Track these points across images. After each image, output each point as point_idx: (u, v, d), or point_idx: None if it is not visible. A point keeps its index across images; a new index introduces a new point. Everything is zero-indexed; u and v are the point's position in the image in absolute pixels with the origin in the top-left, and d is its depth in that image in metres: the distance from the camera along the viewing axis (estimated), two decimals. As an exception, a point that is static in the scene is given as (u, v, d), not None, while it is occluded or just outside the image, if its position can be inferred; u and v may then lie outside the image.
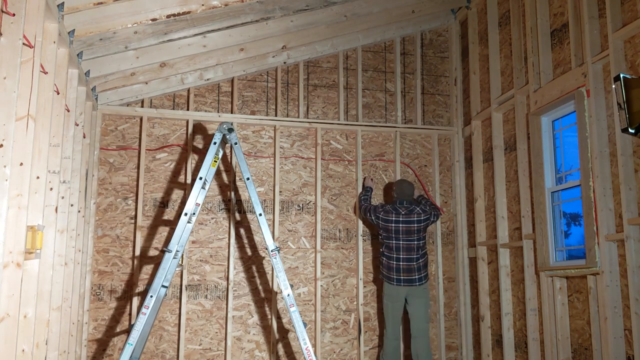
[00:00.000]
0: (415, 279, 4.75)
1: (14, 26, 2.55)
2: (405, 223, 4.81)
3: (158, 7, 3.87)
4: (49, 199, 3.22)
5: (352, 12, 5.05)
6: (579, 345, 4.02)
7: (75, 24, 3.57)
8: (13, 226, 2.54)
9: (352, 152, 5.49)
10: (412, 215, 4.83)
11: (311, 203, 5.31)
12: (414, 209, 4.86)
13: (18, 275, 2.52)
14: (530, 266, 4.48)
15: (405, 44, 5.83)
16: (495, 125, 5.07)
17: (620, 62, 3.64)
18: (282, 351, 5.00)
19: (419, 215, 4.83)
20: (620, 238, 3.58)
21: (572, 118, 4.25)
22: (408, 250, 4.78)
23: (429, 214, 4.88)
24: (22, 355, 2.66)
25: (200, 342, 4.89)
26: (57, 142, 3.34)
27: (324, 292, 5.20)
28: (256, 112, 5.36)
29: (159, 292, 4.19)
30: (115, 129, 5.05)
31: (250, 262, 5.10)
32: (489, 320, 5.07)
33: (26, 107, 2.62)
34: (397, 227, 4.80)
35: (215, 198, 5.12)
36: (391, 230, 4.82)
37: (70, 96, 3.83)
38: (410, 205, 4.91)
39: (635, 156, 3.55)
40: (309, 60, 5.53)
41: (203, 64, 4.98)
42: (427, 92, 5.80)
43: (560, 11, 4.32)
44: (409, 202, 4.93)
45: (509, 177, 4.93)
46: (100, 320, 4.73)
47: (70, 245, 3.94)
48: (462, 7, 5.72)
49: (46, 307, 3.16)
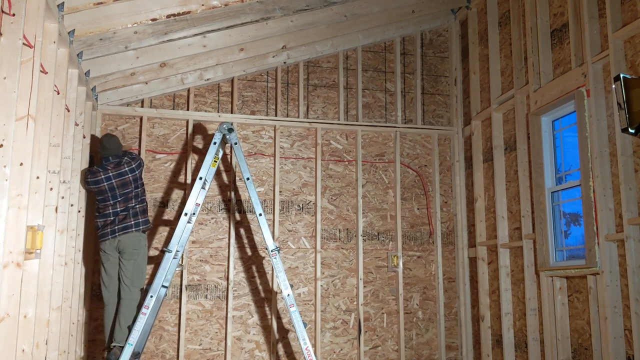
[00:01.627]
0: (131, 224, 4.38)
1: (14, 26, 2.55)
2: (117, 177, 4.36)
3: (158, 7, 3.87)
4: (49, 199, 3.22)
5: (352, 12, 5.05)
6: (579, 345, 4.02)
7: (75, 24, 3.57)
8: (13, 226, 2.54)
9: (352, 152, 5.49)
10: (122, 167, 4.39)
11: (311, 203, 5.30)
12: (121, 161, 4.43)
13: (18, 275, 2.52)
14: (530, 266, 4.48)
15: (405, 44, 5.83)
16: (495, 125, 5.07)
17: (620, 62, 3.64)
18: (282, 351, 5.00)
19: (129, 165, 4.42)
20: (620, 238, 3.58)
21: (572, 118, 4.25)
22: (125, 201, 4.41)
23: (138, 159, 4.50)
24: (22, 355, 2.66)
25: (200, 342, 4.89)
26: (57, 142, 3.34)
27: (324, 292, 5.20)
28: (256, 112, 5.36)
29: (159, 292, 4.20)
30: (115, 129, 5.05)
31: (250, 262, 5.10)
32: (489, 320, 5.07)
33: (26, 107, 2.62)
34: (111, 184, 4.34)
35: (215, 198, 5.12)
36: (105, 190, 4.34)
37: (70, 96, 3.83)
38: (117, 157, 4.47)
39: (635, 156, 3.55)
40: (309, 60, 5.53)
41: (203, 64, 4.98)
42: (427, 92, 5.80)
43: (560, 11, 4.32)
44: (115, 156, 4.46)
45: (509, 177, 4.92)
46: (100, 320, 4.72)
47: (70, 245, 3.94)
48: (462, 7, 5.72)
49: (46, 307, 3.16)
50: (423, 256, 5.48)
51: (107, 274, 4.36)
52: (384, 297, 5.32)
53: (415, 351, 5.30)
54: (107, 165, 4.39)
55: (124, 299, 4.28)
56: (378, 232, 5.42)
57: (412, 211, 5.53)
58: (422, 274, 5.45)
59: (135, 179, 4.43)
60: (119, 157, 4.46)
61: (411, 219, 5.51)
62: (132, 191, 4.42)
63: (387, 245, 5.42)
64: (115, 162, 4.41)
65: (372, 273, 5.33)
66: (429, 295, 5.43)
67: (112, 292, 4.36)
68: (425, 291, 5.43)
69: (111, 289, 4.36)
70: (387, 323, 5.29)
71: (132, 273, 4.32)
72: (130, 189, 4.40)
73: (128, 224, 4.34)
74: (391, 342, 5.27)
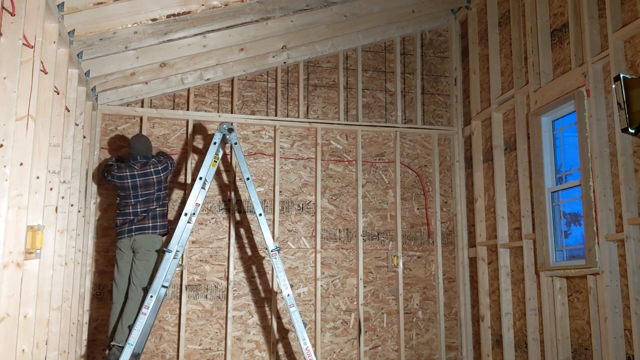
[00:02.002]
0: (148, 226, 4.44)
1: (14, 26, 2.55)
2: (142, 176, 4.44)
3: (158, 7, 3.87)
4: (49, 199, 3.22)
5: (352, 12, 5.05)
6: (579, 345, 4.02)
7: (75, 24, 3.57)
8: (13, 226, 2.54)
9: (352, 152, 5.49)
10: (148, 167, 4.47)
11: (311, 203, 5.31)
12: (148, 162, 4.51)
13: (18, 275, 2.52)
14: (530, 266, 4.48)
15: (405, 44, 5.83)
16: (495, 125, 5.07)
17: (620, 62, 3.64)
18: (282, 351, 5.00)
19: (155, 166, 4.49)
20: (620, 238, 3.58)
21: (572, 118, 4.25)
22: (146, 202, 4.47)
23: (165, 162, 4.56)
24: (22, 355, 2.66)
25: (200, 342, 4.89)
26: (57, 142, 3.34)
27: (324, 292, 5.20)
28: (256, 112, 5.36)
29: (159, 292, 4.20)
30: (115, 129, 5.05)
31: (250, 262, 5.10)
32: (489, 320, 5.07)
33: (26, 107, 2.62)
34: (134, 183, 4.43)
35: (215, 198, 5.12)
36: (128, 187, 4.44)
37: (70, 96, 3.83)
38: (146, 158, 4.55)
39: (635, 156, 3.55)
40: (309, 60, 5.53)
41: (203, 64, 4.98)
42: (427, 92, 5.80)
43: (560, 11, 4.32)
44: (144, 157, 4.56)
45: (509, 177, 4.93)
46: (100, 320, 4.72)
47: (70, 245, 3.94)
48: (462, 7, 5.72)
49: (46, 307, 3.16)
50: (423, 256, 5.49)
51: (119, 272, 4.41)
52: (384, 297, 5.32)
53: (415, 351, 5.30)
54: (134, 164, 4.48)
55: (130, 299, 4.31)
56: (378, 232, 5.42)
57: (412, 211, 5.53)
58: (422, 274, 5.45)
59: (160, 181, 4.50)
60: (147, 157, 4.55)
61: (411, 219, 5.51)
62: (155, 193, 4.48)
63: (387, 245, 5.42)
64: (142, 162, 4.50)
65: (372, 273, 5.33)
66: (429, 295, 5.43)
67: (122, 291, 4.39)
68: (425, 291, 5.43)
69: (121, 287, 4.39)
70: (387, 323, 5.29)
71: (142, 273, 4.36)
72: (153, 191, 4.46)
73: (145, 225, 4.40)
74: (391, 342, 5.27)
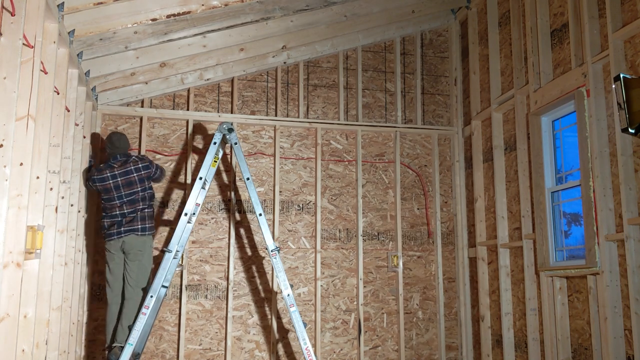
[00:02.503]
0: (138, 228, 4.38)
1: (14, 26, 2.55)
2: (122, 175, 4.34)
3: (158, 7, 3.87)
4: (49, 199, 3.23)
5: (352, 12, 5.05)
6: (579, 345, 4.02)
7: (75, 24, 3.57)
8: (13, 226, 2.54)
9: (352, 152, 5.49)
10: (128, 165, 4.37)
11: (311, 203, 5.31)
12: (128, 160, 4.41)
13: (18, 275, 2.52)
14: (530, 266, 4.48)
15: (405, 44, 5.83)
16: (495, 125, 5.07)
17: (620, 62, 3.64)
18: (282, 351, 5.00)
19: (135, 164, 4.39)
20: (620, 238, 3.58)
21: (572, 118, 4.25)
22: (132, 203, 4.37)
23: (147, 161, 4.45)
24: (22, 355, 2.66)
25: (200, 342, 4.89)
26: (57, 142, 3.34)
27: (324, 292, 5.20)
28: (256, 112, 5.36)
29: (159, 292, 4.20)
30: (115, 129, 5.04)
31: (250, 262, 5.10)
32: (489, 320, 5.07)
33: (26, 107, 2.62)
34: (116, 183, 4.32)
35: (215, 198, 5.12)
36: (110, 188, 4.33)
37: (70, 96, 3.83)
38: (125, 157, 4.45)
39: (635, 156, 3.55)
40: (309, 60, 5.53)
41: (203, 64, 4.98)
42: (427, 92, 5.80)
43: (560, 11, 4.32)
44: (124, 155, 4.45)
45: (509, 177, 4.93)
46: (100, 320, 4.72)
47: (70, 245, 3.94)
48: (462, 7, 5.72)
49: (46, 307, 3.16)
50: (423, 256, 5.49)
51: (112, 274, 4.37)
52: (384, 297, 5.32)
53: (415, 351, 5.30)
54: (114, 163, 4.39)
55: (127, 300, 4.28)
56: (378, 232, 5.42)
57: (412, 211, 5.53)
58: (422, 274, 5.45)
59: (142, 179, 4.40)
60: (126, 156, 4.46)
61: (411, 219, 5.51)
62: (139, 192, 4.39)
63: (387, 245, 5.42)
64: (122, 160, 4.41)
65: (372, 273, 5.33)
66: (429, 295, 5.43)
67: (116, 292, 4.36)
68: (425, 291, 5.43)
69: (115, 289, 4.36)
70: (387, 323, 5.29)
71: (136, 274, 4.33)
72: (137, 190, 4.38)
73: (135, 227, 4.34)
74: (391, 342, 5.27)
